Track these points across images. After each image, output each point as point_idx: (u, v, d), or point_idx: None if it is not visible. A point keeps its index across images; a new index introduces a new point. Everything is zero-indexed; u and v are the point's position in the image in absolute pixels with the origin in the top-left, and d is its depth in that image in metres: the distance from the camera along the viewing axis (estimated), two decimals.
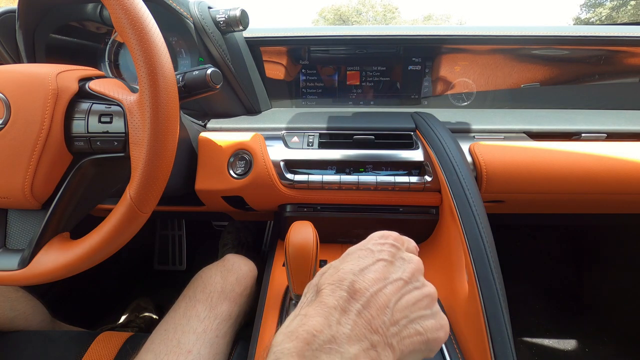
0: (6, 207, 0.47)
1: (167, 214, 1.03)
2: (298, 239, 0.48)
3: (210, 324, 0.50)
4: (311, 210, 0.68)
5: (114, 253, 0.46)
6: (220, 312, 0.53)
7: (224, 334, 0.51)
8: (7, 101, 0.43)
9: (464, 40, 0.75)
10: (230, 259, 0.70)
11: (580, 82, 0.79)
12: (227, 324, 0.52)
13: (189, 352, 0.46)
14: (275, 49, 0.79)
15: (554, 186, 0.62)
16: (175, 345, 0.47)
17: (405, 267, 0.29)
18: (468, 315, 0.46)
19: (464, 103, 0.83)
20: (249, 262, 0.71)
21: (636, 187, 0.61)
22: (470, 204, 0.51)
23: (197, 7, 0.64)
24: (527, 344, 1.03)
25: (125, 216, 0.43)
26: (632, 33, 0.71)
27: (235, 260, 0.70)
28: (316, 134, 0.68)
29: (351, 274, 0.26)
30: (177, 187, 0.65)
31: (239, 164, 0.65)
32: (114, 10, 0.40)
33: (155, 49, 0.41)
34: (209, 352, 0.48)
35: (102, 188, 0.53)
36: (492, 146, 0.63)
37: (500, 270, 0.45)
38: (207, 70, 0.50)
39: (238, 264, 0.69)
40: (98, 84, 0.47)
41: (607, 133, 0.67)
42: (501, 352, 0.39)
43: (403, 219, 0.68)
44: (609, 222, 0.99)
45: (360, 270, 0.27)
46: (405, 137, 0.67)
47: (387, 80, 0.82)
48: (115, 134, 0.45)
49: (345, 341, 0.22)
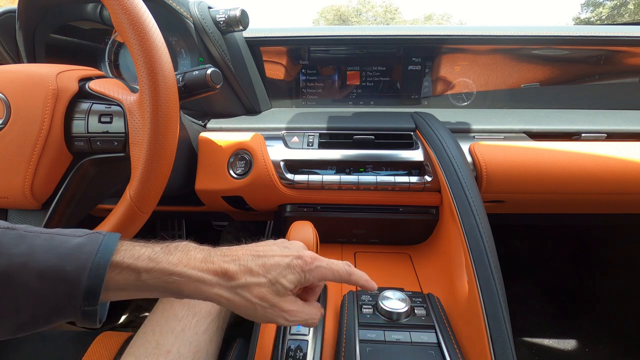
0: (6, 207, 0.47)
1: (167, 214, 1.03)
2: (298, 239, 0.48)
3: (189, 322, 0.51)
4: (311, 210, 0.68)
5: None
6: (198, 309, 0.53)
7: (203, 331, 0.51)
8: (7, 101, 0.43)
9: (464, 40, 0.75)
10: None
11: (580, 82, 0.79)
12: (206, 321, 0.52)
13: (168, 352, 0.47)
14: (275, 49, 0.79)
15: (554, 186, 0.62)
16: (154, 347, 0.47)
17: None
18: (468, 315, 0.46)
19: (464, 103, 0.83)
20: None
21: (636, 187, 0.61)
22: (470, 204, 0.51)
23: (197, 7, 0.64)
24: (527, 344, 1.03)
25: (125, 216, 0.43)
26: (632, 33, 0.71)
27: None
28: (316, 134, 0.68)
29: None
30: (177, 187, 0.65)
31: (239, 164, 0.65)
32: (114, 10, 0.40)
33: (155, 49, 0.41)
34: (189, 350, 0.48)
35: (102, 188, 0.53)
36: (492, 146, 0.63)
37: (500, 270, 0.45)
38: (207, 70, 0.50)
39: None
40: (98, 84, 0.47)
41: (607, 133, 0.67)
42: (501, 352, 0.39)
43: (403, 219, 0.68)
44: (609, 222, 0.99)
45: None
46: (405, 137, 0.67)
47: (387, 80, 0.82)
48: (115, 134, 0.45)
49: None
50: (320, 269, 0.36)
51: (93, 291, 0.29)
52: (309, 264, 0.36)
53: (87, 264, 0.29)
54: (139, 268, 0.31)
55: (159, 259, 0.32)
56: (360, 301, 0.52)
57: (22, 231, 0.30)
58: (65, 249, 0.29)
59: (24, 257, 0.28)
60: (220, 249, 0.36)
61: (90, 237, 0.31)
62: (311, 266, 0.36)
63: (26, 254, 0.28)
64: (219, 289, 0.32)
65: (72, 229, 0.32)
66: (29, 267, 0.28)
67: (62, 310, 0.29)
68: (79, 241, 0.30)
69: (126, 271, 0.30)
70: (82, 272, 0.28)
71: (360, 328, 0.47)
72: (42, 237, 0.30)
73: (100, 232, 0.32)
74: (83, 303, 0.28)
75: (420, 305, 0.51)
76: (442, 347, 0.44)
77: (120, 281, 0.30)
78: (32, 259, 0.28)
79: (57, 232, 0.31)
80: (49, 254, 0.29)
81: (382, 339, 0.45)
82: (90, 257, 0.29)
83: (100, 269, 0.29)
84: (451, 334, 0.47)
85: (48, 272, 0.28)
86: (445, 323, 0.49)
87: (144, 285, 0.31)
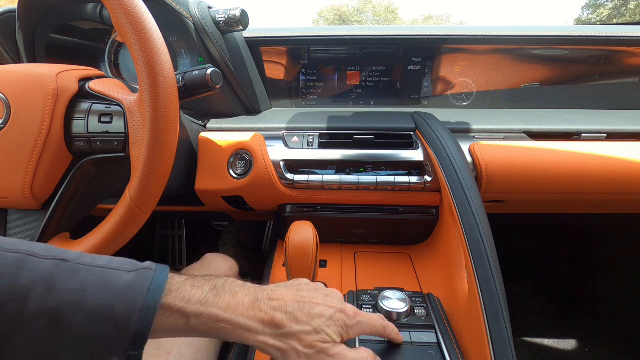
0: (6, 207, 0.47)
1: (167, 214, 1.03)
2: (298, 239, 0.48)
3: None
4: (311, 210, 0.68)
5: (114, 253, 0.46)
6: None
7: None
8: (7, 101, 0.43)
9: (464, 40, 0.75)
10: (208, 258, 0.70)
11: (580, 82, 0.79)
12: None
13: (168, 353, 0.47)
14: (275, 49, 0.79)
15: (554, 186, 0.62)
16: (155, 349, 0.48)
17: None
18: (468, 315, 0.46)
19: (464, 103, 0.83)
20: (228, 260, 0.71)
21: (636, 187, 0.61)
22: (470, 204, 0.51)
23: (197, 7, 0.64)
24: (527, 344, 1.03)
25: (125, 216, 0.43)
26: (632, 33, 0.71)
27: (214, 259, 0.70)
28: (316, 134, 0.68)
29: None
30: (177, 187, 0.65)
31: (239, 164, 0.65)
32: (114, 10, 0.40)
33: (155, 49, 0.41)
34: (190, 351, 0.49)
35: (102, 188, 0.53)
36: (492, 146, 0.63)
37: (500, 270, 0.45)
38: (207, 70, 0.50)
39: (216, 263, 0.69)
40: (98, 84, 0.47)
41: (607, 133, 0.67)
42: (501, 352, 0.39)
43: (403, 219, 0.67)
44: (609, 222, 0.99)
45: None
46: (405, 137, 0.67)
47: (387, 80, 0.82)
48: (115, 134, 0.45)
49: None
50: (361, 324, 0.37)
51: (141, 335, 0.27)
52: (351, 319, 0.36)
53: (136, 305, 0.27)
54: (188, 313, 0.30)
55: (209, 302, 0.31)
56: (361, 301, 0.52)
57: (75, 263, 0.29)
58: (117, 286, 0.28)
59: (77, 293, 0.27)
60: (266, 291, 0.35)
61: (141, 274, 0.30)
62: (353, 321, 0.36)
63: (80, 290, 0.27)
64: (264, 337, 0.32)
65: (121, 258, 0.31)
66: (80, 307, 0.26)
67: (108, 353, 0.27)
68: (130, 278, 0.29)
69: (176, 315, 0.30)
70: (132, 315, 0.27)
71: None
72: (95, 271, 0.29)
73: (151, 266, 0.31)
74: (130, 347, 0.27)
75: (420, 305, 0.51)
76: (442, 347, 0.44)
77: (169, 325, 0.30)
78: (85, 297, 0.27)
79: (109, 265, 0.30)
80: (102, 293, 0.27)
81: (382, 339, 0.45)
82: (141, 297, 0.28)
83: (150, 312, 0.28)
84: (451, 334, 0.47)
85: (98, 313, 0.27)
86: (445, 323, 0.49)
87: (191, 330, 0.31)
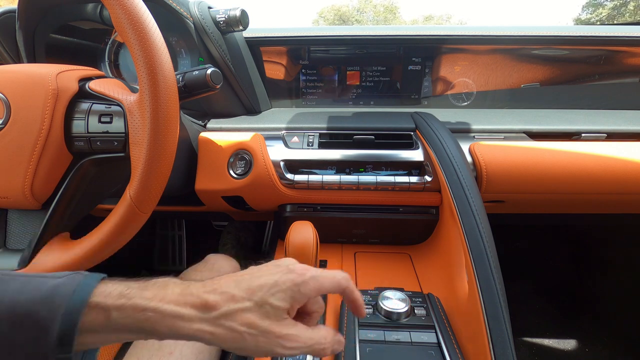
0: (6, 207, 0.48)
1: (167, 214, 1.03)
2: (298, 239, 0.48)
3: None
4: (311, 210, 0.68)
5: (114, 253, 0.46)
6: None
7: None
8: (7, 101, 0.43)
9: (464, 40, 0.75)
10: (211, 258, 0.70)
11: (580, 82, 0.79)
12: None
13: (170, 354, 0.47)
14: (275, 49, 0.79)
15: (554, 186, 0.62)
16: (157, 349, 0.47)
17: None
18: (468, 315, 0.46)
19: (464, 103, 0.83)
20: (231, 261, 0.71)
21: (636, 187, 0.61)
22: (470, 204, 0.51)
23: (197, 7, 0.64)
24: (527, 344, 1.03)
25: (125, 216, 0.43)
26: (632, 33, 0.71)
27: (217, 260, 0.69)
28: (316, 134, 0.68)
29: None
30: (177, 187, 0.65)
31: (239, 164, 0.65)
32: (114, 10, 0.40)
33: (155, 49, 0.41)
34: (191, 352, 0.49)
35: (102, 188, 0.53)
36: (492, 146, 0.63)
37: (500, 270, 0.45)
38: (207, 70, 0.50)
39: (219, 263, 0.68)
40: (98, 84, 0.47)
41: (607, 133, 0.67)
42: (501, 352, 0.39)
43: (403, 219, 0.68)
44: (609, 222, 0.99)
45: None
46: (405, 137, 0.67)
47: (387, 80, 0.82)
48: (115, 134, 0.45)
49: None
50: (316, 279, 0.31)
51: (67, 338, 0.25)
52: (301, 275, 0.31)
53: (60, 307, 0.26)
54: (108, 306, 0.27)
55: (132, 294, 0.28)
56: None
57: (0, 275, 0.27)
58: (41, 291, 0.26)
59: None
60: (203, 281, 0.32)
61: (69, 278, 0.28)
62: (304, 277, 0.30)
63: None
64: (199, 324, 0.28)
65: (61, 272, 0.29)
66: (0, 315, 0.25)
67: (40, 358, 0.25)
68: (56, 282, 0.27)
69: (95, 311, 0.27)
70: (55, 317, 0.25)
71: (360, 328, 0.47)
72: (18, 280, 0.27)
73: (82, 272, 0.29)
74: (57, 350, 0.25)
75: (420, 305, 0.51)
76: (442, 347, 0.44)
77: (89, 322, 0.27)
78: (2, 304, 0.26)
79: (37, 275, 0.28)
80: (21, 298, 0.26)
81: (382, 339, 0.45)
82: (65, 299, 0.26)
83: (74, 313, 0.26)
84: (451, 334, 0.47)
85: (23, 319, 0.25)
86: (445, 323, 0.49)
87: (115, 326, 0.27)
